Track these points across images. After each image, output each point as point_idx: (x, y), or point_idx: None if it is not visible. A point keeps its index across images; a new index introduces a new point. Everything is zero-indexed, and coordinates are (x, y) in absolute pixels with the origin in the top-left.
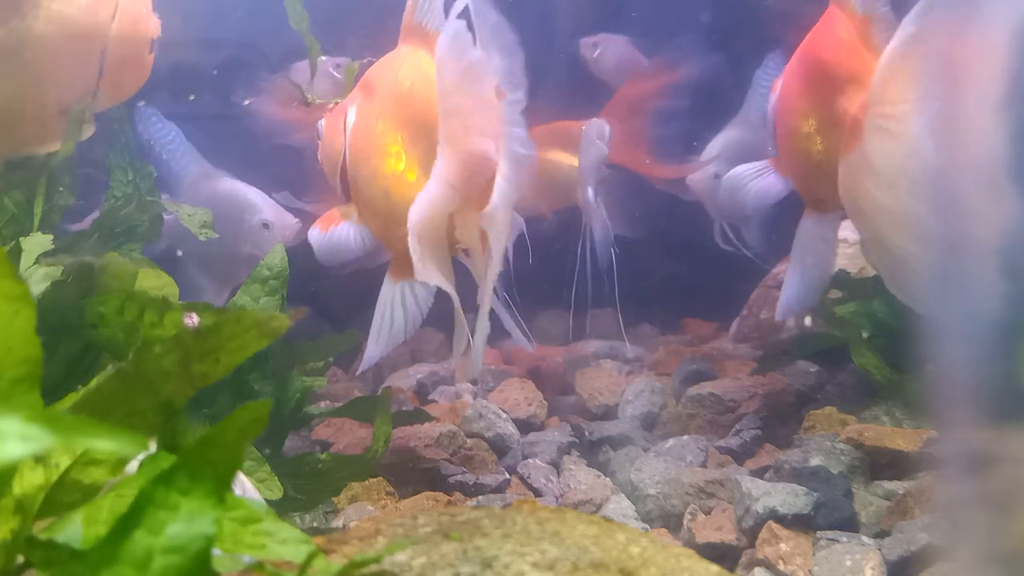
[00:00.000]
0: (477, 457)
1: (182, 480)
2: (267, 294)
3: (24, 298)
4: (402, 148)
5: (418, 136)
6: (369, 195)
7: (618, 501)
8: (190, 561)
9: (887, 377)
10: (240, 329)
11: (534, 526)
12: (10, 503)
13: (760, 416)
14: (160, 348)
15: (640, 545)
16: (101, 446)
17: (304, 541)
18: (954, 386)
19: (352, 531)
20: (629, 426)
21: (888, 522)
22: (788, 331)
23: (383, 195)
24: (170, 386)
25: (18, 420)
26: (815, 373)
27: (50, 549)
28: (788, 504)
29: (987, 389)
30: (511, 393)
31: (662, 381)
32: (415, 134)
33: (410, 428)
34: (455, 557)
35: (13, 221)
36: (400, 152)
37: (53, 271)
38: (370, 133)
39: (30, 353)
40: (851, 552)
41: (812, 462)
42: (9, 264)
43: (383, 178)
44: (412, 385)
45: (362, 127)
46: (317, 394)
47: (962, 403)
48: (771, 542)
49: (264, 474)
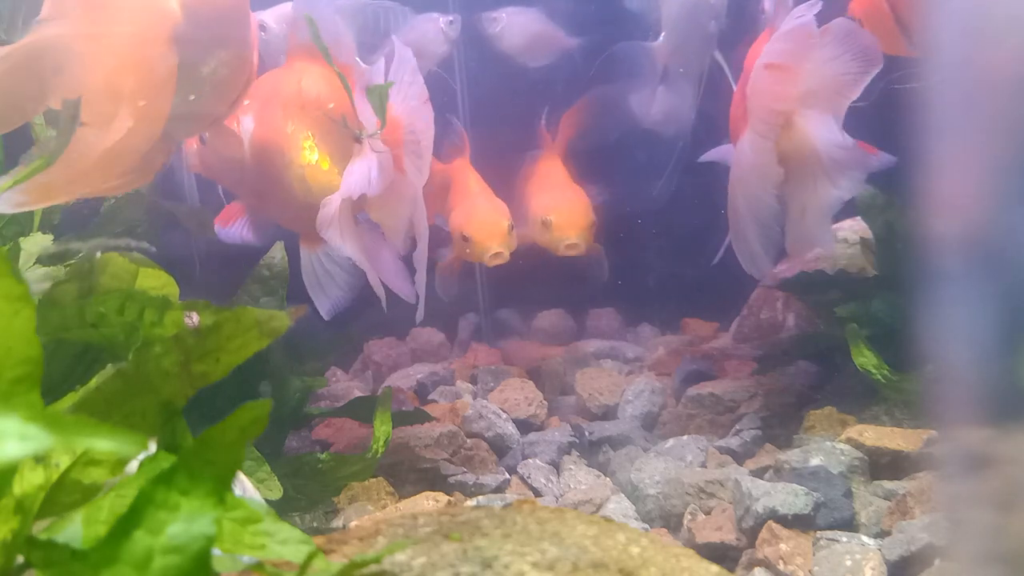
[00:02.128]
0: (477, 457)
1: (182, 480)
2: (267, 294)
3: (24, 298)
4: (313, 143)
5: (327, 133)
6: (283, 184)
7: (618, 501)
8: (190, 561)
9: (887, 377)
10: (240, 329)
11: (534, 526)
12: (10, 503)
13: (760, 416)
14: (160, 348)
15: (640, 545)
16: (101, 446)
17: (304, 541)
18: (954, 386)
19: (352, 531)
20: (629, 426)
21: (888, 522)
22: (788, 331)
23: (299, 181)
24: (170, 386)
25: (18, 420)
26: (815, 373)
27: (50, 549)
28: (788, 504)
29: (987, 389)
30: (511, 393)
31: (662, 381)
32: (324, 132)
33: (410, 428)
34: (455, 557)
35: (13, 221)
36: (312, 146)
37: (53, 271)
38: (280, 133)
39: (30, 353)
40: (851, 552)
41: (812, 462)
42: (9, 264)
43: (299, 167)
44: (412, 385)
45: (269, 129)
46: (317, 394)
47: (962, 403)
48: (771, 542)
49: (264, 474)
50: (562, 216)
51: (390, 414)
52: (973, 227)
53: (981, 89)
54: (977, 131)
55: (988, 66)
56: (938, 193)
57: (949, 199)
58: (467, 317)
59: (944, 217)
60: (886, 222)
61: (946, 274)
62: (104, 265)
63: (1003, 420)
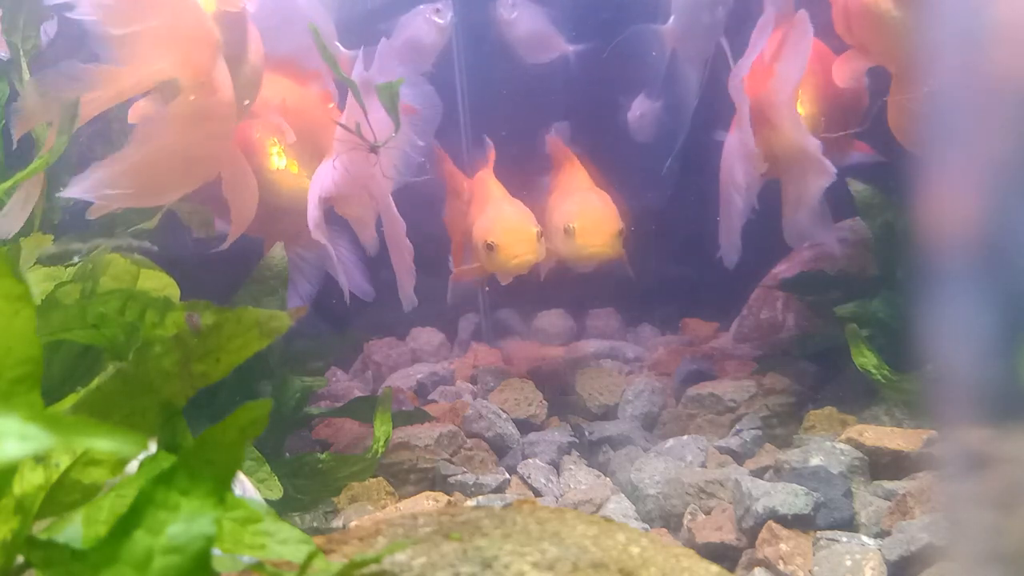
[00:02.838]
0: (477, 457)
1: (182, 480)
2: (267, 294)
3: (24, 298)
4: (281, 148)
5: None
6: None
7: (618, 501)
8: (190, 561)
9: (887, 377)
10: (240, 329)
11: (534, 526)
12: (10, 503)
13: (760, 416)
14: (160, 348)
15: (640, 545)
16: (101, 446)
17: (304, 541)
18: (954, 386)
19: (352, 531)
20: (629, 426)
21: (888, 522)
22: (788, 331)
23: (269, 185)
24: (170, 386)
25: (17, 420)
26: (815, 373)
27: (50, 549)
28: (788, 504)
29: (987, 389)
30: (511, 393)
31: (662, 381)
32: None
33: (410, 428)
34: (455, 557)
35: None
36: (280, 151)
37: (53, 271)
38: (248, 142)
39: (30, 353)
40: (851, 552)
41: (812, 462)
42: (9, 264)
43: (269, 172)
44: (412, 385)
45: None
46: (317, 394)
47: (962, 403)
48: (771, 542)
49: (264, 474)
50: (586, 223)
51: (390, 414)
52: (973, 227)
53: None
54: (977, 131)
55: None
56: (938, 193)
57: (949, 199)
58: (467, 317)
59: (944, 217)
60: (886, 222)
61: (946, 274)
62: (105, 266)
63: (1003, 420)
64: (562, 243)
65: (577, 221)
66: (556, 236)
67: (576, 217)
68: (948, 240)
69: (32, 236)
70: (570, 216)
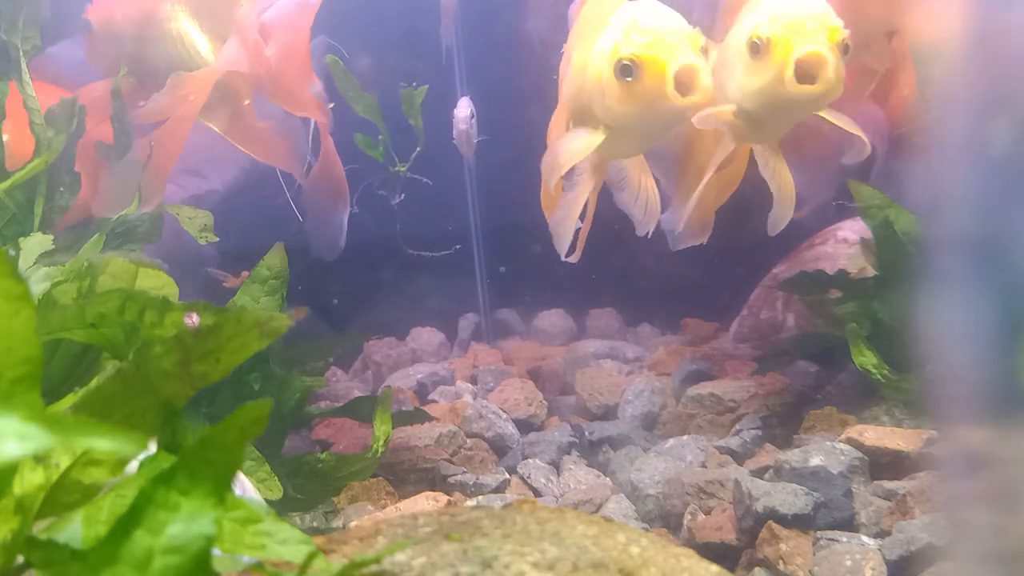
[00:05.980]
0: (477, 457)
1: (182, 480)
2: (267, 294)
3: (24, 298)
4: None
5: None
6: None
7: (618, 501)
8: (190, 561)
9: (887, 377)
10: (240, 329)
11: (534, 526)
12: (10, 503)
13: (760, 416)
14: (160, 348)
15: (640, 545)
16: (101, 446)
17: (304, 541)
18: (954, 386)
19: (352, 531)
20: (629, 426)
21: (888, 522)
22: (788, 331)
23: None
24: (170, 386)
25: (17, 420)
26: (815, 373)
27: (50, 549)
28: (788, 504)
29: (987, 389)
30: (511, 393)
31: (662, 381)
32: (200, 7)
33: (410, 428)
34: (455, 557)
35: (13, 221)
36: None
37: (53, 271)
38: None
39: (30, 353)
40: (851, 552)
41: (812, 462)
42: (9, 264)
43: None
44: (412, 385)
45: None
46: (317, 394)
47: (962, 403)
48: (771, 542)
49: (264, 474)
50: (791, 23)
51: (390, 414)
52: (973, 227)
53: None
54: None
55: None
56: (938, 193)
57: (949, 199)
58: (467, 317)
59: (944, 217)
60: (886, 222)
61: (946, 274)
62: (104, 265)
63: (1003, 420)
64: (748, 72)
65: (780, 25)
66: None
67: (775, 20)
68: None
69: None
70: (759, 24)
